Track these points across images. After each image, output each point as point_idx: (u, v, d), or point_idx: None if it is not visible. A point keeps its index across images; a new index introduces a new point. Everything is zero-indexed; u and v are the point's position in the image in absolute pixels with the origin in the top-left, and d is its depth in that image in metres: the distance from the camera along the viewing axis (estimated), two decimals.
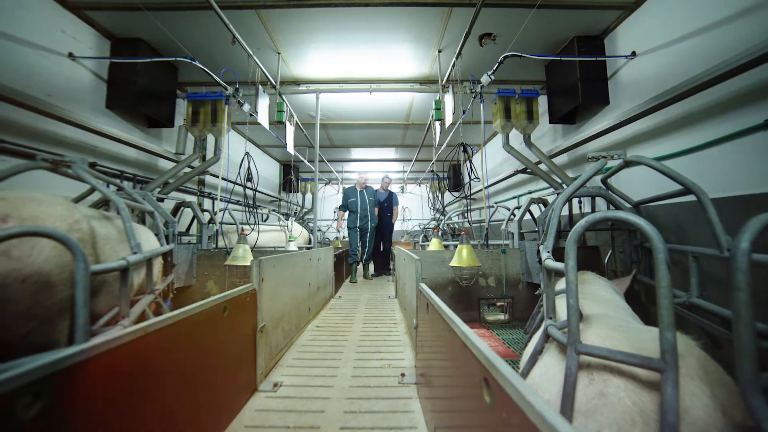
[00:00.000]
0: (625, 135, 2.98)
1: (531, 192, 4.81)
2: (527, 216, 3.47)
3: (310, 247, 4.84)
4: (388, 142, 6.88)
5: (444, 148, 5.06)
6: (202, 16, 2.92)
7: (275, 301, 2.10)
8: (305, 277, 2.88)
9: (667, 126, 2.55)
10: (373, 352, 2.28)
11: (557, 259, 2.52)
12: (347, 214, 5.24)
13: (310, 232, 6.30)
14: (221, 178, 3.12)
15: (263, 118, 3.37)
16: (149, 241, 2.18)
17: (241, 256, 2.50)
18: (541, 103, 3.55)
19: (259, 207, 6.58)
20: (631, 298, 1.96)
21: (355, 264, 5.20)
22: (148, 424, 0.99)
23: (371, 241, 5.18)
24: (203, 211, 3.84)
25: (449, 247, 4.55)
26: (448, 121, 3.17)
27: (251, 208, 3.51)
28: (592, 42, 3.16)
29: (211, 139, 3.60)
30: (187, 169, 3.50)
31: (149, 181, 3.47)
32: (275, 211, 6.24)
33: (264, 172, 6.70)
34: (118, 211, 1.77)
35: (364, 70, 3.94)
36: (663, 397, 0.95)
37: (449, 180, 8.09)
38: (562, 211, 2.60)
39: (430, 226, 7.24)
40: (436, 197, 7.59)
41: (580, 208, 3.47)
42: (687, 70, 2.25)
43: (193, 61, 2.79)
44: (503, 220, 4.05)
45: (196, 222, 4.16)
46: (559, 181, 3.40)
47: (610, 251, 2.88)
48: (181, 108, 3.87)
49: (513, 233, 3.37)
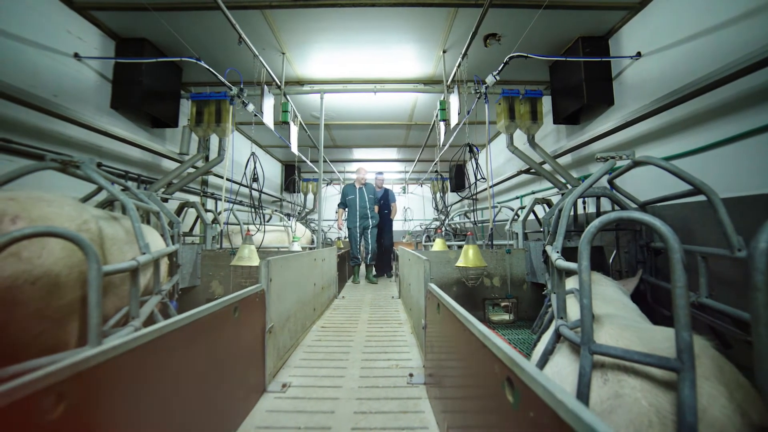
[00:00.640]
0: (629, 135, 2.99)
1: (534, 192, 4.82)
2: (530, 216, 3.47)
3: (313, 248, 4.84)
4: (391, 143, 6.88)
5: (447, 148, 5.05)
6: (206, 16, 2.92)
7: (282, 301, 2.10)
8: (310, 277, 2.88)
9: (672, 126, 2.55)
10: (379, 352, 2.28)
11: (565, 259, 2.51)
12: (346, 212, 5.07)
13: (312, 233, 6.30)
14: (226, 179, 3.11)
15: (268, 118, 3.36)
16: (155, 242, 2.17)
17: (247, 256, 2.50)
18: (545, 104, 3.55)
19: (263, 207, 6.58)
20: (636, 298, 1.96)
21: (357, 266, 5.07)
22: (163, 425, 0.99)
23: (373, 240, 4.97)
24: (207, 211, 3.83)
25: (452, 247, 4.55)
26: (454, 121, 3.17)
27: (256, 209, 3.50)
28: (597, 42, 3.17)
29: (213, 140, 3.59)
30: (190, 170, 3.49)
31: (153, 182, 3.46)
32: (277, 211, 6.24)
33: (266, 172, 6.70)
34: (124, 211, 1.76)
35: (368, 71, 3.94)
36: (680, 398, 0.95)
37: (451, 180, 8.10)
38: (560, 211, 2.61)
39: (432, 227, 7.24)
40: (441, 197, 7.59)
41: (584, 209, 3.47)
42: (693, 70, 2.26)
43: (198, 61, 2.79)
44: (506, 221, 4.05)
45: (199, 222, 4.16)
46: (563, 181, 3.40)
47: (615, 251, 2.88)
48: (185, 108, 3.86)
49: (517, 233, 3.37)
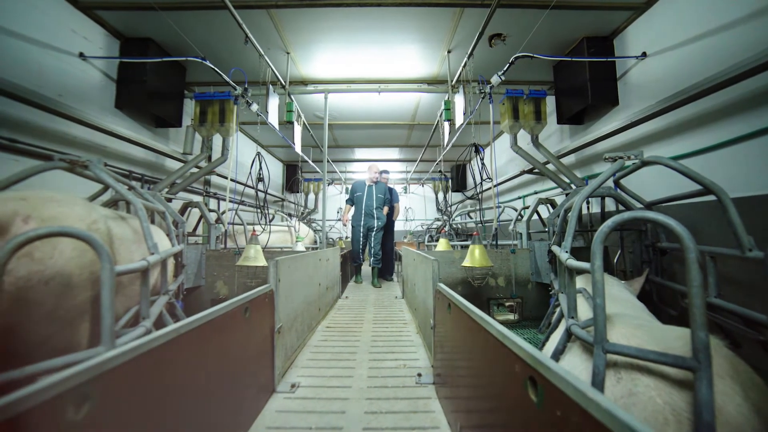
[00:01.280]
0: (633, 136, 2.99)
1: (537, 192, 4.82)
2: (533, 216, 3.47)
3: (316, 248, 4.83)
4: (393, 143, 6.88)
5: (450, 148, 5.05)
6: (211, 15, 2.91)
7: (290, 301, 2.09)
8: (316, 277, 2.88)
9: (677, 127, 2.56)
10: (386, 352, 2.28)
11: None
12: (353, 209, 4.82)
13: (314, 233, 6.29)
14: (230, 180, 3.10)
15: (273, 118, 3.36)
16: (161, 242, 2.17)
17: (253, 256, 2.49)
18: (549, 104, 3.56)
19: (267, 207, 6.57)
20: (641, 298, 1.97)
21: (359, 266, 4.93)
22: (179, 425, 0.98)
23: (377, 243, 4.71)
24: (210, 211, 3.82)
25: (456, 247, 4.55)
26: (459, 121, 3.17)
27: (262, 209, 3.49)
28: (602, 43, 3.17)
29: (216, 140, 3.58)
30: (194, 170, 3.48)
31: (156, 181, 3.45)
32: (279, 211, 6.23)
33: (269, 172, 6.68)
34: (128, 210, 1.76)
35: (372, 71, 3.94)
36: (697, 396, 0.95)
37: (452, 180, 8.12)
38: (567, 211, 2.61)
39: (433, 227, 7.25)
40: (444, 197, 7.59)
41: (588, 209, 3.48)
42: (699, 71, 2.26)
43: (204, 61, 2.78)
44: (509, 220, 4.06)
45: (202, 222, 4.15)
46: (567, 181, 3.40)
47: (619, 251, 2.88)
48: (188, 108, 3.86)
49: (521, 233, 3.37)
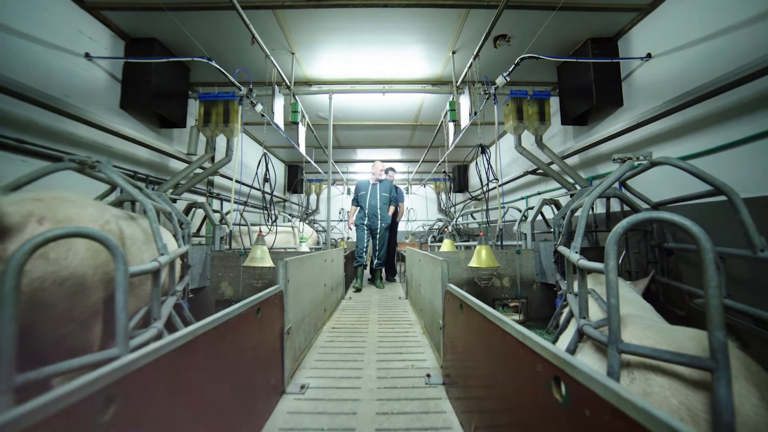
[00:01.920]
0: (638, 137, 3.00)
1: (540, 193, 4.83)
2: (537, 217, 3.48)
3: (319, 248, 4.83)
4: (395, 143, 6.88)
5: (453, 149, 5.05)
6: (216, 16, 2.91)
7: (298, 302, 2.09)
8: (321, 278, 2.88)
9: (683, 128, 2.57)
10: (394, 353, 2.27)
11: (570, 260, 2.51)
12: (358, 210, 4.52)
13: (317, 233, 6.29)
14: (235, 181, 3.10)
15: (278, 118, 3.36)
16: (168, 243, 2.16)
17: (260, 257, 2.49)
18: (552, 105, 3.56)
19: (274, 208, 6.57)
20: (646, 298, 1.97)
21: (361, 268, 4.49)
22: (197, 427, 0.98)
23: (381, 243, 4.43)
24: (214, 212, 3.82)
25: (459, 248, 4.55)
26: (464, 122, 3.18)
27: (267, 210, 3.49)
28: (606, 44, 3.18)
29: (219, 140, 3.58)
30: (198, 170, 3.48)
31: (161, 182, 3.45)
32: (281, 211, 6.23)
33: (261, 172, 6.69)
34: (133, 209, 1.75)
35: (376, 71, 3.95)
36: (716, 397, 0.96)
37: (454, 181, 8.13)
38: (575, 213, 2.62)
39: (435, 227, 7.26)
40: (448, 198, 7.59)
41: (593, 210, 3.49)
42: (706, 72, 2.27)
43: (209, 61, 2.78)
44: (512, 221, 4.06)
45: (206, 223, 4.15)
46: (571, 181, 3.41)
47: (624, 252, 2.89)
48: (192, 108, 3.85)
49: (526, 234, 3.37)
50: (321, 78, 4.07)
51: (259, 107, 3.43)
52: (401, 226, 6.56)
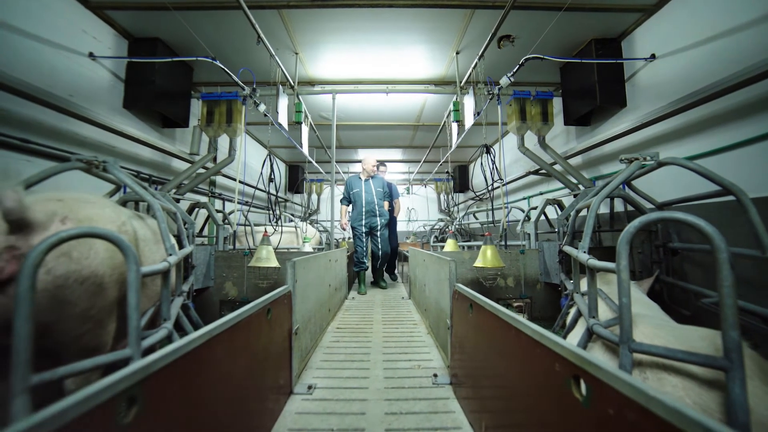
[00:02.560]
0: (642, 137, 3.01)
1: (542, 193, 4.84)
2: (540, 217, 3.48)
3: (321, 248, 4.83)
4: (397, 143, 6.88)
5: (455, 149, 5.06)
6: (220, 15, 2.90)
7: (305, 302, 2.09)
8: (326, 278, 2.88)
9: (687, 128, 2.58)
10: (399, 353, 2.28)
11: (570, 260, 2.52)
12: (350, 208, 4.35)
13: (319, 233, 6.29)
14: (238, 181, 3.09)
15: (283, 118, 3.35)
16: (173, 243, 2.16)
17: (265, 257, 2.49)
18: (555, 105, 3.57)
19: (269, 208, 6.55)
20: (651, 298, 1.98)
21: (363, 272, 4.32)
22: (209, 427, 0.98)
23: (383, 241, 4.26)
24: (217, 212, 3.81)
25: (462, 248, 4.56)
26: (469, 122, 3.18)
27: (274, 210, 3.48)
28: (609, 45, 3.19)
29: (222, 140, 3.57)
30: (200, 170, 3.47)
31: (164, 182, 3.44)
32: (283, 212, 6.22)
33: (266, 172, 6.69)
34: (137, 208, 1.74)
35: (379, 71, 3.94)
36: (731, 397, 0.96)
37: (455, 181, 8.14)
38: (579, 213, 2.62)
39: (436, 227, 7.26)
40: (451, 198, 7.59)
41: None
42: (711, 72, 2.28)
43: (214, 61, 2.78)
44: (515, 221, 4.07)
45: (209, 223, 4.14)
46: (575, 182, 3.41)
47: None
48: (195, 108, 3.84)
49: (530, 234, 3.38)
50: (324, 78, 4.07)
51: (262, 107, 3.42)
52: (402, 226, 6.57)
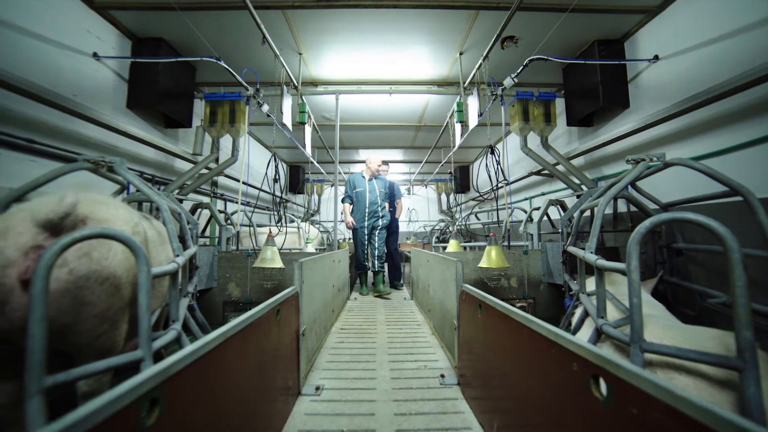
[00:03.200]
0: (644, 138, 3.02)
1: (544, 194, 4.85)
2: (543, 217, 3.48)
3: (323, 249, 4.82)
4: (398, 144, 6.88)
5: (456, 149, 5.07)
6: (225, 16, 2.90)
7: (311, 303, 2.09)
8: (330, 279, 2.87)
9: (688, 130, 2.59)
10: (405, 353, 2.28)
11: (575, 260, 2.54)
12: (352, 208, 4.17)
13: (321, 234, 6.28)
14: (242, 182, 3.09)
15: (287, 119, 3.35)
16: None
17: (270, 258, 2.48)
18: (557, 106, 3.58)
19: (269, 208, 6.55)
20: (655, 298, 1.98)
21: (364, 274, 4.24)
22: (223, 429, 0.98)
23: (381, 243, 4.09)
24: (219, 212, 3.80)
25: (464, 248, 4.56)
26: (473, 123, 3.18)
27: (277, 211, 3.48)
28: (612, 46, 3.20)
29: (225, 141, 3.57)
30: (203, 170, 3.47)
31: (167, 182, 3.43)
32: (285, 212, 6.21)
33: (270, 173, 6.69)
34: (140, 209, 1.73)
35: (382, 72, 3.94)
36: (745, 397, 0.96)
37: (455, 181, 8.15)
38: (584, 214, 2.63)
39: (437, 228, 7.27)
40: (455, 198, 7.59)
41: (593, 211, 3.51)
42: (715, 73, 2.28)
43: (218, 61, 2.77)
44: (518, 221, 4.08)
45: (211, 224, 4.12)
46: (577, 182, 3.43)
47: None
48: (198, 109, 3.83)
49: (532, 234, 3.38)
50: (327, 78, 4.07)
51: (265, 107, 3.42)
52: (402, 227, 6.56)
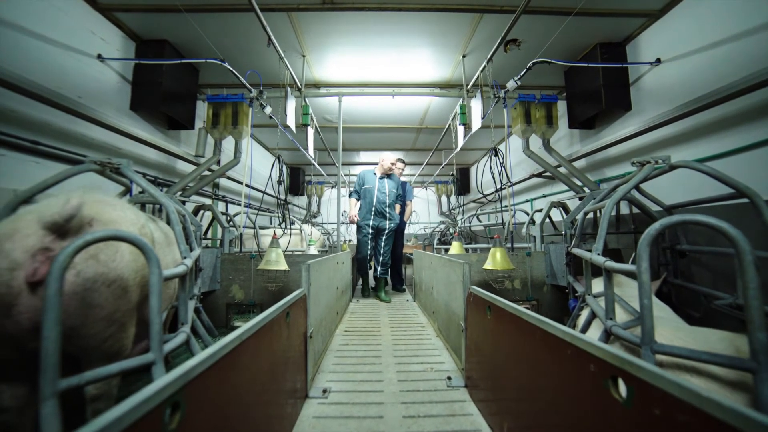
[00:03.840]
0: (646, 140, 3.04)
1: (545, 195, 4.87)
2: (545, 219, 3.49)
3: (325, 251, 4.82)
4: (399, 146, 6.90)
5: (457, 151, 5.08)
6: (229, 18, 2.90)
7: (317, 306, 2.08)
8: (334, 281, 2.87)
9: (692, 132, 2.61)
10: (411, 356, 2.27)
11: (578, 262, 2.54)
12: (359, 205, 3.94)
13: (323, 236, 6.28)
14: (245, 184, 3.08)
15: (291, 121, 3.35)
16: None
17: (275, 260, 2.48)
18: (559, 108, 3.60)
19: (270, 210, 6.54)
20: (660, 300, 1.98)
21: (366, 277, 4.01)
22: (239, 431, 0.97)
23: (388, 249, 3.86)
24: (221, 214, 3.79)
25: (467, 250, 4.56)
26: (476, 125, 3.19)
27: (282, 212, 3.47)
28: (614, 49, 3.23)
29: (227, 143, 3.56)
30: (206, 172, 3.46)
31: (169, 184, 3.41)
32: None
33: (275, 175, 6.68)
34: (142, 210, 1.72)
35: (385, 74, 3.96)
36: (760, 398, 0.96)
37: (455, 183, 8.17)
38: (587, 215, 2.64)
39: (438, 230, 7.28)
40: (457, 200, 7.60)
41: (598, 213, 3.52)
42: (717, 77, 2.30)
43: (223, 63, 2.77)
44: (520, 223, 4.09)
45: (213, 226, 4.11)
46: (579, 184, 3.44)
47: (634, 254, 2.91)
48: (200, 110, 3.83)
49: (535, 236, 3.39)
50: (330, 81, 4.08)
51: (268, 109, 3.42)
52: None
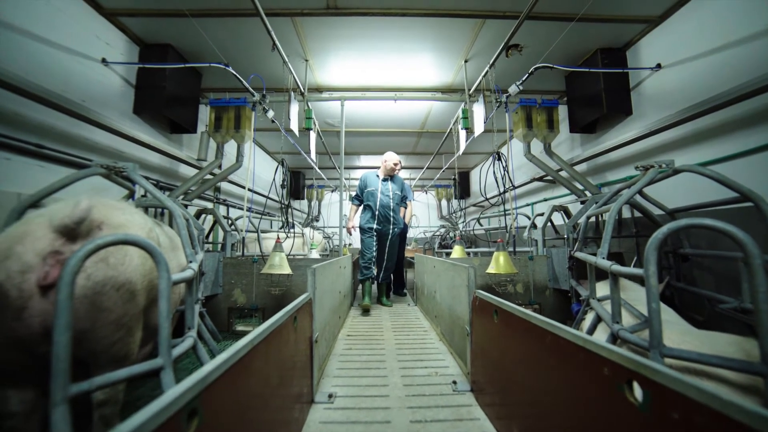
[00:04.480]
0: (647, 145, 3.07)
1: (546, 199, 4.89)
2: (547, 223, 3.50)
3: (327, 255, 4.81)
4: (400, 150, 6.90)
5: (459, 155, 5.10)
6: (233, 22, 2.92)
7: (322, 310, 2.08)
8: (337, 285, 2.86)
9: (692, 137, 2.64)
10: (415, 360, 2.26)
11: (581, 266, 2.54)
12: (361, 209, 3.80)
13: (324, 239, 6.27)
14: (247, 189, 3.08)
15: (294, 125, 3.36)
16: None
17: (278, 264, 2.47)
18: (560, 113, 3.63)
19: (271, 214, 6.53)
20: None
21: (368, 282, 3.70)
22: None
23: (392, 251, 3.74)
24: (224, 218, 3.78)
25: (468, 254, 4.57)
26: (478, 129, 3.21)
27: (285, 216, 3.46)
28: (615, 54, 3.26)
29: (229, 147, 3.57)
30: (208, 176, 3.46)
31: (172, 188, 3.41)
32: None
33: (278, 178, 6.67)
34: (148, 213, 1.71)
35: (387, 79, 3.98)
36: None
37: (455, 187, 8.18)
38: (590, 219, 2.65)
39: (438, 233, 7.29)
40: (459, 204, 7.62)
41: (600, 216, 3.54)
42: (717, 82, 2.33)
43: (227, 67, 2.78)
44: (522, 227, 4.10)
45: (214, 229, 4.09)
46: (581, 188, 3.46)
47: (636, 258, 2.93)
48: (203, 114, 3.84)
49: (537, 240, 3.40)
50: (332, 85, 4.10)
51: (270, 113, 3.43)
52: None
